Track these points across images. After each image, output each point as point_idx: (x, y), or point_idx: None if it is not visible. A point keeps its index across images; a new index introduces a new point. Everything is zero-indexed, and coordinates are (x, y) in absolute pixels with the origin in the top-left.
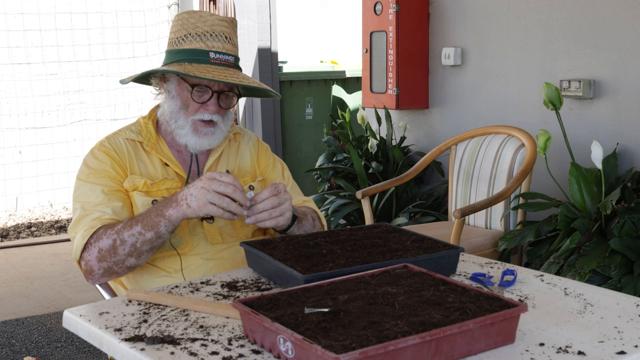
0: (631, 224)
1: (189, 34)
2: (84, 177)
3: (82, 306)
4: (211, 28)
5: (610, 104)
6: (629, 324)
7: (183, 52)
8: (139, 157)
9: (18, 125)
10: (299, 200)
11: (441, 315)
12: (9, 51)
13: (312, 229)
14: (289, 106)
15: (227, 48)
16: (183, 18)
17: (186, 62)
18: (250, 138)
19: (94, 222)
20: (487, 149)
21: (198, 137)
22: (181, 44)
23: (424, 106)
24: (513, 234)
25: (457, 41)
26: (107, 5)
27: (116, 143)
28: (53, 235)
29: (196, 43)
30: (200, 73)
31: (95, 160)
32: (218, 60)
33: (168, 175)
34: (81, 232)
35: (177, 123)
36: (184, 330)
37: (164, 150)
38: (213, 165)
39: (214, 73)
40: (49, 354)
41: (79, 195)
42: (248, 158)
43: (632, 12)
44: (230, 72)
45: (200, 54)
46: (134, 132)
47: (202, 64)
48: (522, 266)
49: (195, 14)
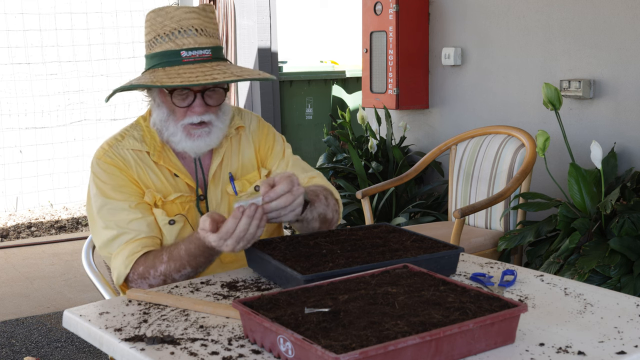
0: (631, 224)
1: (158, 35)
2: (105, 193)
3: (82, 306)
4: (178, 24)
5: (610, 104)
6: (629, 324)
7: (156, 56)
8: (149, 167)
9: (18, 125)
10: (305, 178)
11: (441, 315)
12: (9, 51)
13: (326, 208)
14: (289, 106)
15: (200, 42)
16: (151, 18)
17: (159, 67)
18: (250, 124)
19: (133, 246)
20: (487, 149)
21: (193, 140)
22: (153, 48)
23: (424, 106)
24: (513, 234)
25: (457, 41)
26: (107, 5)
27: (122, 155)
28: (53, 235)
29: (166, 44)
30: (170, 79)
31: (106, 174)
32: (191, 57)
33: (178, 187)
34: (122, 259)
35: (169, 131)
36: (184, 330)
37: (172, 159)
38: (217, 171)
39: (185, 75)
40: (49, 354)
41: (105, 214)
42: (251, 151)
43: (632, 12)
44: (206, 68)
45: (171, 55)
46: (137, 141)
47: (174, 66)
48: (522, 266)
49: (161, 12)
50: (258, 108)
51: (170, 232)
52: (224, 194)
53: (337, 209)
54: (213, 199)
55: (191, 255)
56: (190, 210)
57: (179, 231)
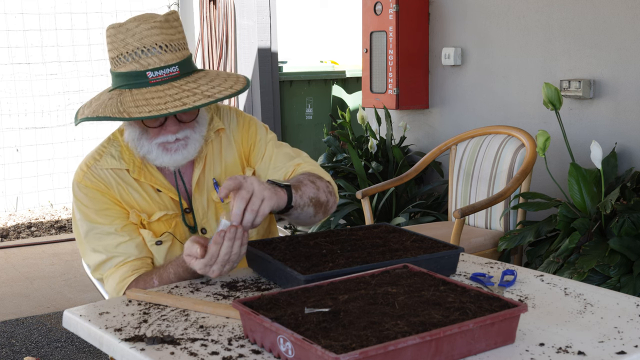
0: (631, 224)
1: (121, 55)
2: (89, 217)
3: (82, 306)
4: (141, 42)
5: (610, 104)
6: (629, 324)
7: (121, 75)
8: (130, 186)
9: (18, 125)
10: (290, 166)
11: (441, 315)
12: (9, 51)
13: (316, 191)
14: (289, 106)
15: (166, 59)
16: (111, 35)
17: (126, 88)
18: (230, 123)
19: (123, 270)
20: (487, 149)
21: (170, 154)
22: (117, 66)
23: (424, 106)
24: (513, 234)
25: (457, 41)
26: (107, 5)
27: (102, 177)
28: (53, 235)
29: (130, 64)
30: (138, 107)
31: (87, 198)
32: (158, 78)
33: (162, 203)
34: (114, 285)
35: (144, 149)
36: (184, 330)
37: (153, 173)
38: (200, 179)
39: (154, 102)
40: (49, 354)
41: (91, 238)
42: (233, 152)
43: (632, 12)
44: (175, 89)
45: (137, 76)
46: (115, 159)
47: (141, 89)
48: (522, 266)
49: (121, 28)
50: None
51: (158, 252)
52: (210, 202)
53: (330, 190)
54: (199, 208)
55: (180, 278)
56: (177, 226)
57: (167, 250)
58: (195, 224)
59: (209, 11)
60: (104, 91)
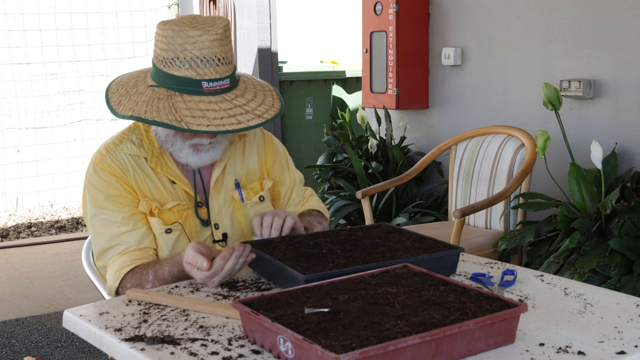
0: (631, 224)
1: (177, 58)
2: (98, 203)
3: (82, 306)
4: (201, 52)
5: (610, 104)
6: (629, 324)
7: (172, 78)
8: (146, 174)
9: (18, 125)
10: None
11: (441, 315)
12: (9, 51)
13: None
14: (289, 106)
15: (221, 71)
16: (168, 36)
17: (177, 92)
18: (255, 133)
19: (123, 259)
20: (487, 149)
21: (200, 155)
22: (169, 68)
23: (424, 106)
24: (513, 234)
25: (457, 41)
26: (107, 5)
27: (119, 160)
28: (53, 235)
29: (186, 70)
30: (195, 118)
31: (102, 182)
32: (211, 89)
33: (176, 194)
34: (112, 272)
35: (175, 146)
36: (184, 330)
37: (170, 165)
38: (220, 179)
39: (209, 114)
40: (49, 354)
41: (96, 223)
42: (256, 159)
43: (632, 12)
44: (227, 103)
45: (191, 83)
46: (135, 145)
47: (194, 96)
48: (522, 266)
49: (182, 33)
50: None
51: (166, 241)
52: (228, 199)
53: (327, 225)
54: (215, 205)
55: (175, 278)
56: (187, 218)
57: (175, 239)
58: (209, 218)
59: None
60: (140, 79)
